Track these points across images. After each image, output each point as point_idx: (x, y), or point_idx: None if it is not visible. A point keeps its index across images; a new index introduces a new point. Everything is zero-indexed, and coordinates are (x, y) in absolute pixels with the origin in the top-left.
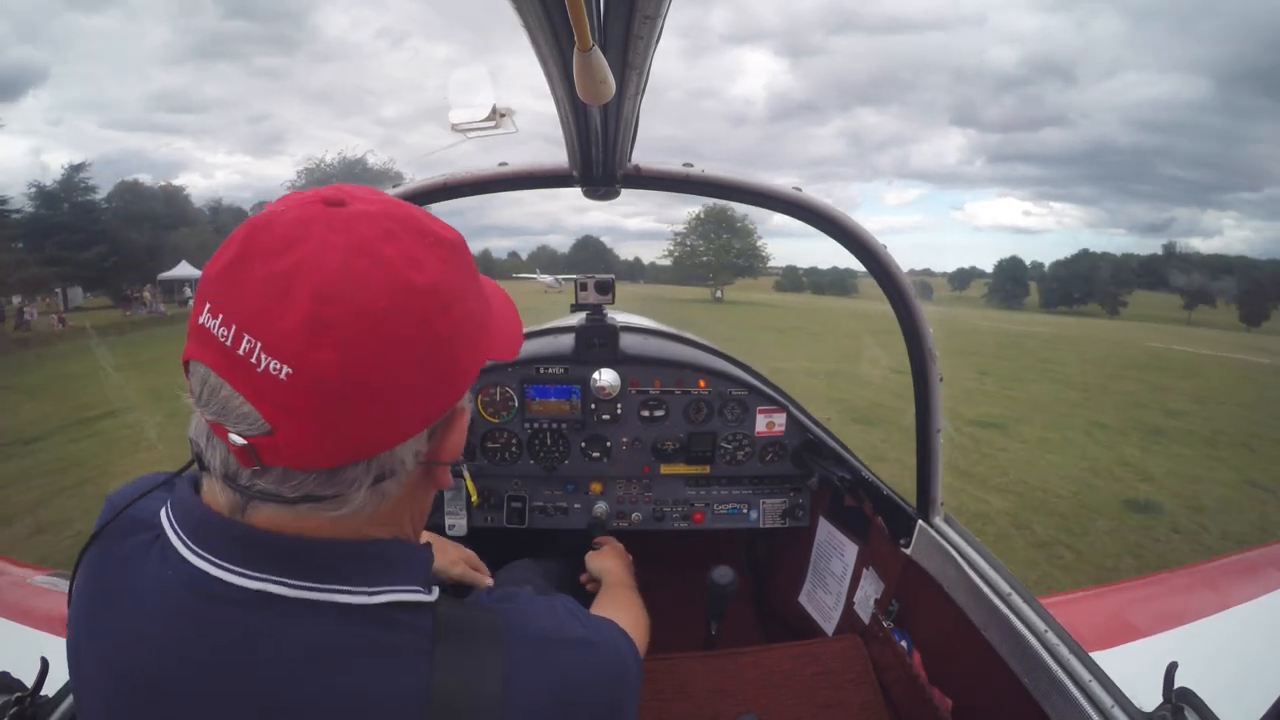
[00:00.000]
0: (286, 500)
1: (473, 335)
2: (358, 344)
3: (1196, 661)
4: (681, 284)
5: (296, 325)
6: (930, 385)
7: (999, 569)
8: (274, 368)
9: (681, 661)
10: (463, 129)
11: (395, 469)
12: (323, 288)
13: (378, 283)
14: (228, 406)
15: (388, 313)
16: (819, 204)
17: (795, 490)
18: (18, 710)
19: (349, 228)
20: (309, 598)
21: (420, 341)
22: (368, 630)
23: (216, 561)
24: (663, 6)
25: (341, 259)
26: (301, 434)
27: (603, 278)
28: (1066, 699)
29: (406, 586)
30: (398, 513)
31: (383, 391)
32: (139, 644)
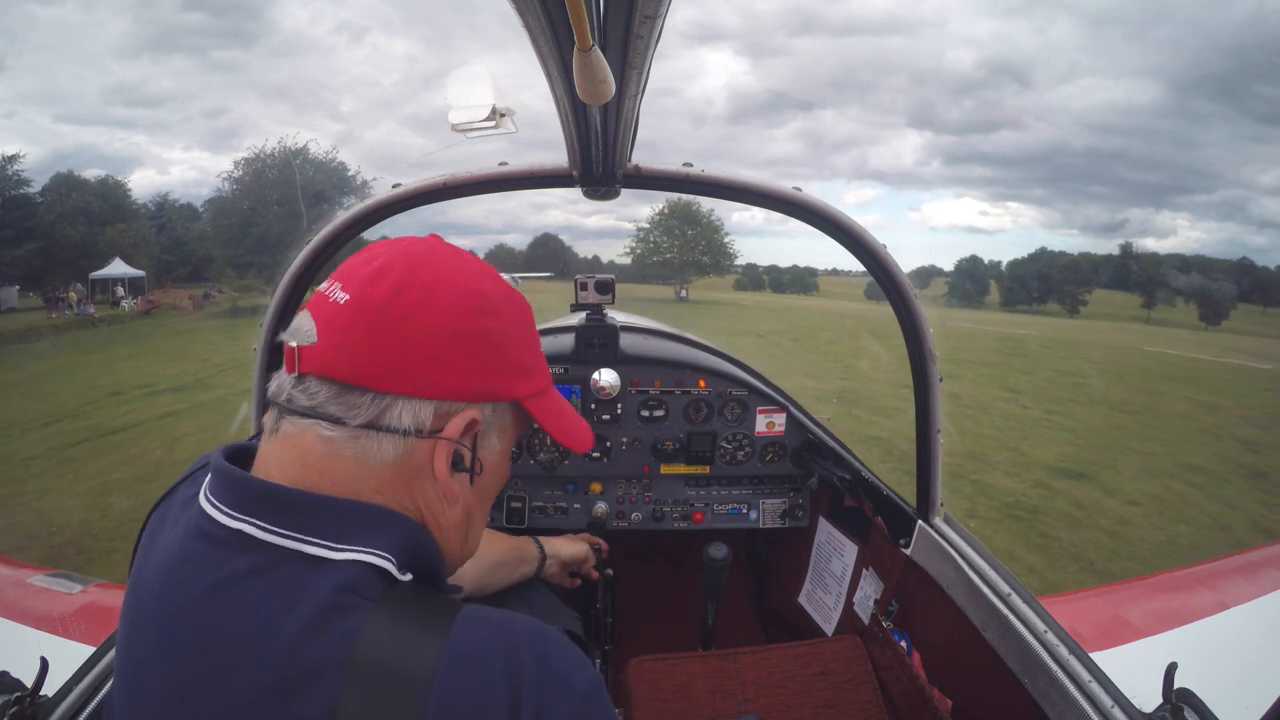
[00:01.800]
0: (302, 411)
1: (504, 362)
2: (404, 291)
3: (1196, 661)
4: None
5: (367, 273)
6: (930, 385)
7: (999, 569)
8: (339, 296)
9: (681, 661)
10: (462, 129)
11: (392, 423)
12: (396, 257)
13: (439, 265)
14: (300, 327)
15: (437, 282)
16: (819, 204)
17: (795, 490)
18: (17, 710)
19: (437, 242)
20: (278, 543)
21: (453, 318)
22: (323, 583)
23: (214, 503)
24: (662, 6)
25: (420, 249)
26: (332, 342)
27: (603, 278)
28: (1066, 699)
29: (375, 550)
30: (400, 489)
31: (406, 338)
32: (151, 576)
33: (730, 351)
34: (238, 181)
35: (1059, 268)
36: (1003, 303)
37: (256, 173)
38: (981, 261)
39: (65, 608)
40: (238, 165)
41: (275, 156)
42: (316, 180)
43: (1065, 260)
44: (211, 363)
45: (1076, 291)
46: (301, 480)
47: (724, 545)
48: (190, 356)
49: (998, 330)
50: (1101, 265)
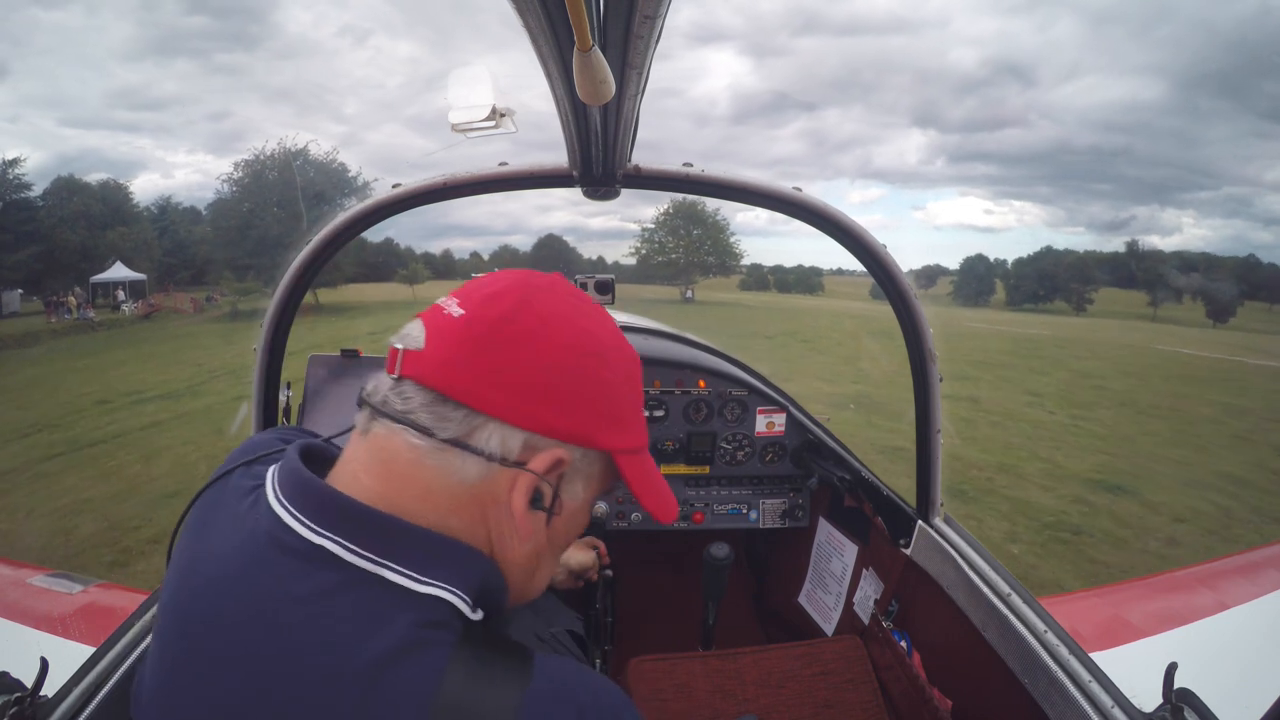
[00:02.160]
0: (395, 414)
1: (606, 410)
2: (517, 318)
3: (1196, 661)
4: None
5: (487, 293)
6: (930, 385)
7: (999, 569)
8: (453, 310)
9: (681, 661)
10: (462, 129)
11: (480, 444)
12: (515, 284)
13: (564, 306)
14: (409, 332)
15: (551, 319)
16: (819, 204)
17: (795, 491)
18: (17, 710)
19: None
20: (363, 565)
21: (562, 354)
22: (405, 617)
23: (292, 511)
24: (662, 6)
25: (559, 278)
26: (437, 352)
27: (603, 278)
28: (1066, 699)
29: (454, 589)
30: (475, 516)
31: (509, 363)
32: (212, 574)
33: (738, 354)
34: (237, 183)
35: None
36: (1009, 301)
37: (256, 174)
38: (987, 260)
39: (65, 608)
40: (237, 167)
41: (275, 158)
42: (317, 181)
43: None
44: (205, 368)
45: (1083, 290)
46: (385, 489)
47: (725, 545)
48: (184, 362)
49: (1009, 331)
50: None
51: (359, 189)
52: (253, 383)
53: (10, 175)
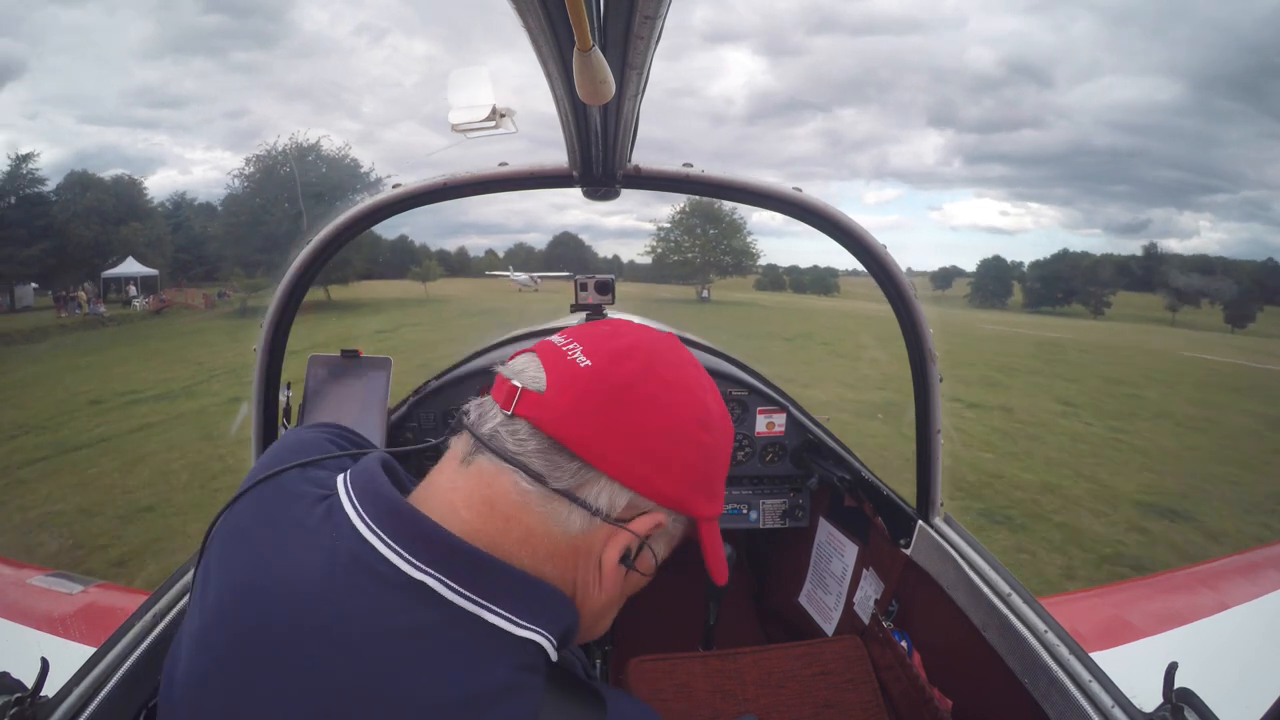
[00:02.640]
0: (506, 454)
1: (702, 479)
2: (642, 384)
3: (1196, 661)
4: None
5: (616, 348)
6: (930, 385)
7: (999, 569)
8: (580, 359)
9: (681, 661)
10: (462, 129)
11: (589, 498)
12: (645, 348)
13: (685, 376)
14: (526, 370)
15: (675, 388)
16: (819, 204)
17: (795, 491)
18: (18, 710)
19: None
20: (462, 605)
21: (681, 425)
22: (503, 659)
23: (385, 539)
24: (663, 6)
25: (667, 353)
26: (560, 402)
27: (603, 277)
28: (1066, 699)
29: (547, 634)
30: (567, 565)
31: (633, 420)
32: (283, 590)
33: (757, 357)
34: (249, 179)
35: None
36: (1025, 304)
37: (267, 170)
38: (1004, 262)
39: (65, 608)
40: (249, 162)
41: (287, 153)
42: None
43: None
44: (205, 367)
45: (1101, 293)
46: (486, 527)
47: (727, 545)
48: (187, 360)
49: (1030, 334)
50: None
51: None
52: (253, 383)
53: (24, 170)
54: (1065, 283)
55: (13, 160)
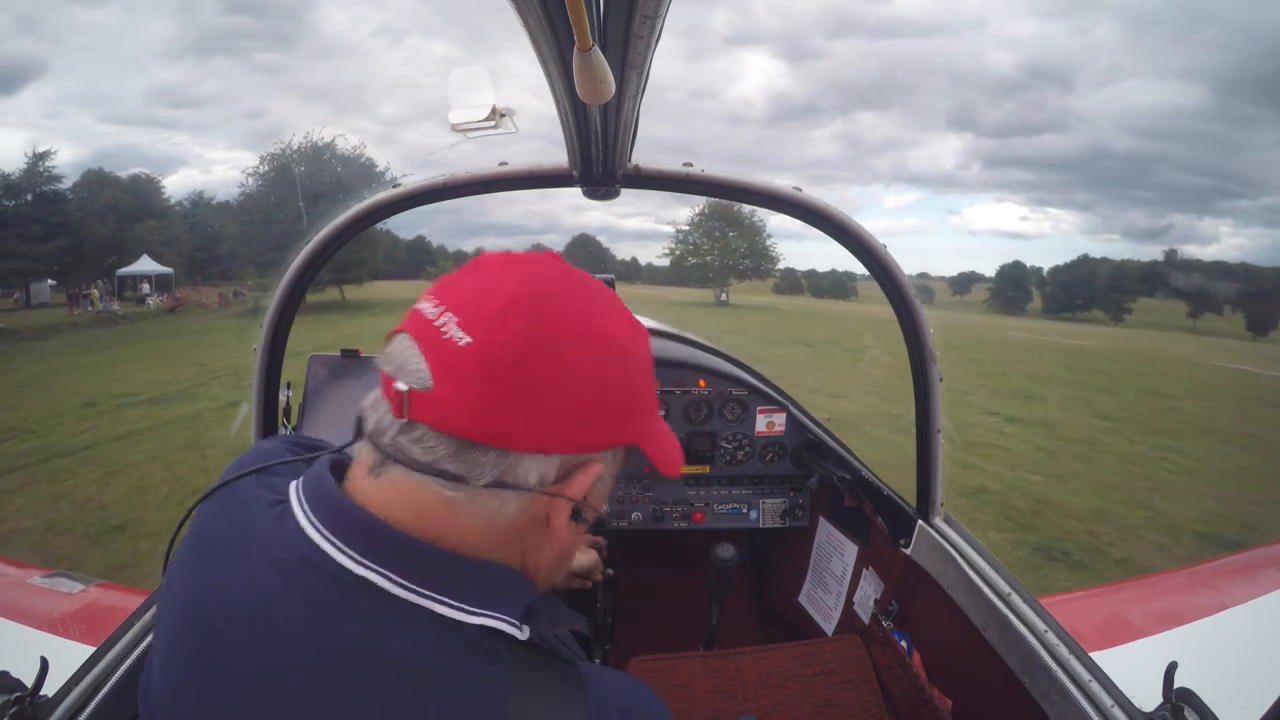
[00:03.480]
0: (417, 465)
1: (629, 404)
2: (536, 344)
3: (1196, 661)
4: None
5: (491, 310)
6: (930, 386)
7: (999, 569)
8: (458, 337)
9: (681, 661)
10: (463, 129)
11: (519, 481)
12: (527, 290)
13: (572, 309)
14: (406, 363)
15: (570, 333)
16: (819, 204)
17: (795, 490)
18: (17, 710)
19: (563, 265)
20: (410, 599)
21: (587, 370)
22: (457, 649)
23: (330, 538)
24: (663, 6)
25: (551, 285)
26: (454, 395)
27: (603, 277)
28: (1066, 699)
29: (505, 615)
30: (512, 543)
31: (537, 393)
32: (235, 590)
33: (785, 365)
34: (263, 177)
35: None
36: (1045, 310)
37: (281, 169)
38: (1024, 267)
39: (65, 608)
40: (264, 161)
41: (301, 152)
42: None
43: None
44: (207, 369)
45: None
46: (423, 526)
47: (731, 546)
48: (190, 361)
49: (1055, 341)
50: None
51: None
52: (253, 383)
53: (40, 168)
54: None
55: (29, 158)
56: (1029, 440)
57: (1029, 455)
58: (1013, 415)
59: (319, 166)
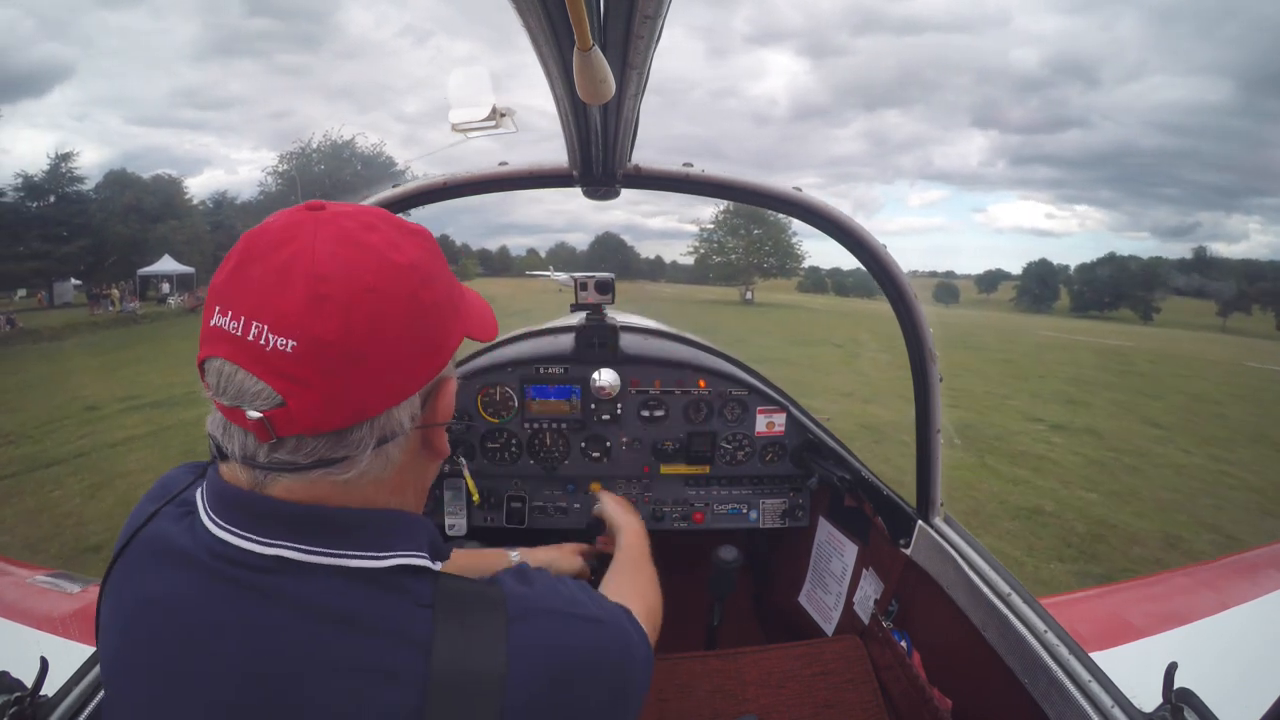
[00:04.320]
0: (301, 468)
1: (451, 311)
2: (353, 314)
3: (1196, 661)
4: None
5: (298, 304)
6: (930, 385)
7: (999, 569)
8: (281, 344)
9: (682, 661)
10: (463, 129)
11: (395, 430)
12: (318, 269)
13: (365, 262)
14: (243, 389)
15: (376, 286)
16: (818, 204)
17: (795, 490)
18: (17, 710)
19: (332, 222)
20: (320, 562)
21: (408, 311)
22: (374, 592)
23: (235, 530)
24: (663, 6)
25: (331, 247)
26: (309, 400)
27: (603, 277)
28: (1066, 699)
29: (413, 551)
30: (402, 482)
31: (378, 355)
32: (159, 597)
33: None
34: (283, 176)
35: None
36: (1073, 308)
37: (301, 167)
38: (1051, 265)
39: (65, 608)
40: (283, 159)
41: (321, 151)
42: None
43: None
44: None
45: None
46: (315, 496)
47: (734, 548)
48: None
49: (1089, 341)
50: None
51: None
52: None
53: (63, 169)
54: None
55: (52, 159)
56: (1078, 451)
57: (1081, 469)
58: (1058, 422)
59: (339, 164)
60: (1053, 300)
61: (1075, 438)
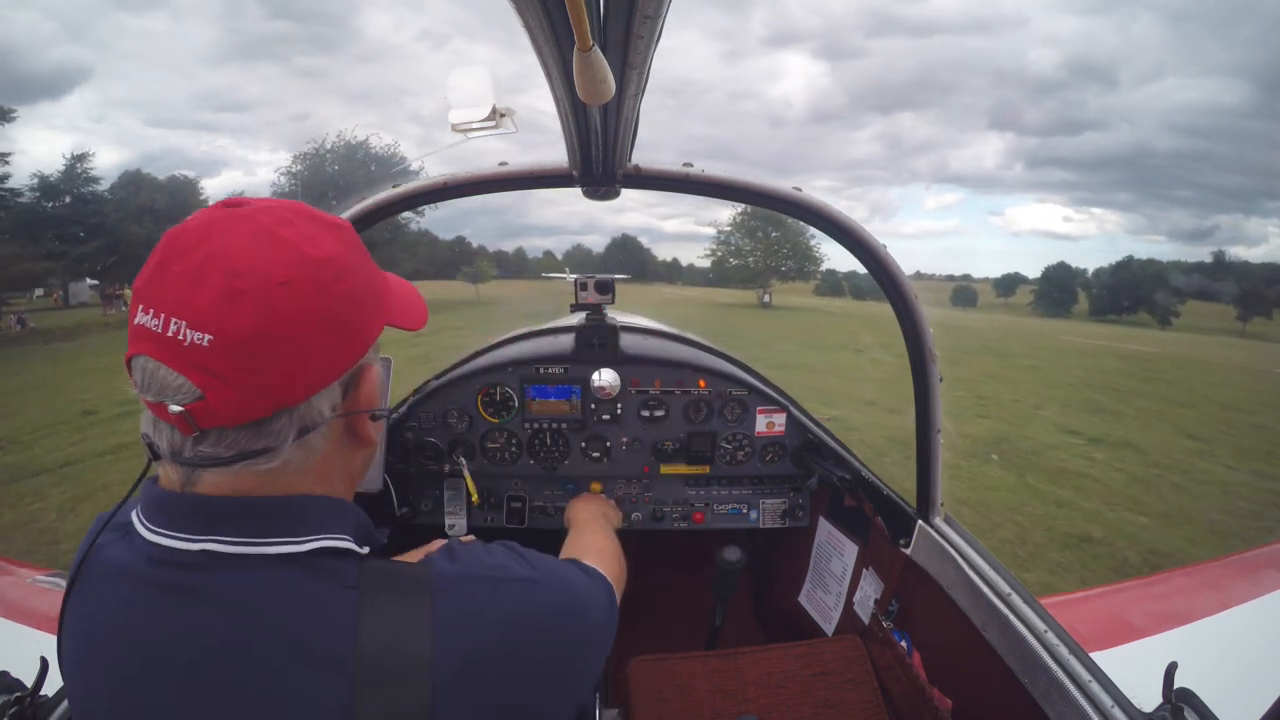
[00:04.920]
0: (224, 461)
1: (370, 301)
2: (267, 307)
3: (1196, 661)
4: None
5: (213, 299)
6: (930, 386)
7: (999, 569)
8: (198, 338)
9: (682, 661)
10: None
11: (316, 420)
12: (232, 266)
13: (279, 257)
14: (164, 384)
15: (290, 280)
16: (818, 204)
17: (795, 490)
18: (17, 710)
19: (250, 219)
20: (246, 552)
21: (321, 303)
22: (297, 575)
23: (165, 532)
24: (663, 6)
25: (245, 243)
26: (227, 393)
27: (603, 277)
28: (1066, 699)
29: (336, 534)
30: (327, 470)
31: (293, 346)
32: (100, 604)
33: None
34: (296, 176)
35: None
36: (1091, 312)
37: (315, 167)
38: (1069, 269)
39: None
40: (296, 160)
41: (335, 151)
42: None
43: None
44: None
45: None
46: (240, 488)
47: (737, 549)
48: None
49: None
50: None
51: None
52: None
53: (78, 170)
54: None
55: (68, 159)
56: (1120, 468)
57: (1125, 488)
58: (1095, 435)
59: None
60: (1071, 304)
61: (1115, 452)
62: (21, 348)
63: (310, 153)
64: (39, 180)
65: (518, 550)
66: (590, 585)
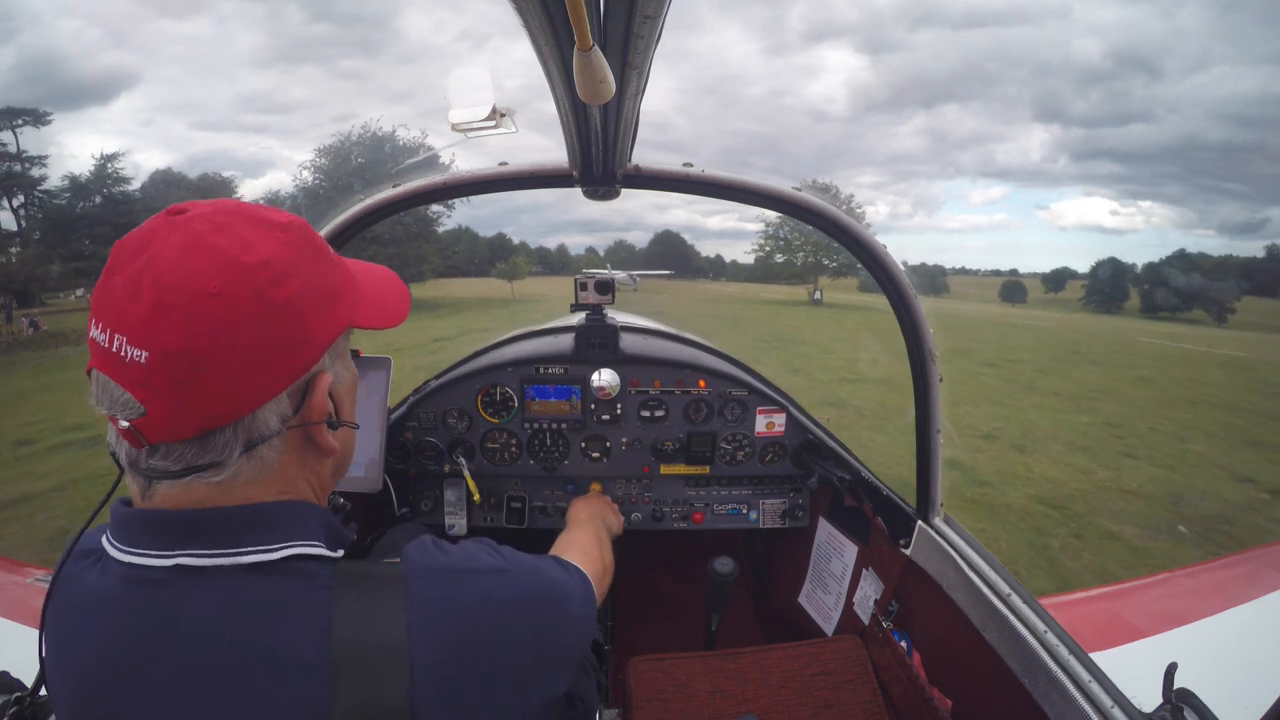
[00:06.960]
0: (174, 474)
1: (322, 304)
2: (195, 321)
3: (1196, 662)
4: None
5: (144, 314)
6: (930, 385)
7: (999, 569)
8: (136, 355)
9: (681, 662)
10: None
11: (264, 432)
12: (161, 278)
13: (209, 267)
14: (115, 399)
15: (220, 290)
16: (817, 203)
17: (795, 491)
18: (17, 710)
19: (185, 227)
20: (217, 564)
21: (258, 311)
22: (270, 582)
23: (136, 551)
24: (663, 6)
25: (177, 253)
26: (166, 408)
27: (603, 278)
28: (1066, 699)
29: (306, 541)
30: (288, 479)
31: (227, 359)
32: (81, 642)
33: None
34: (320, 169)
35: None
36: (1143, 309)
37: (340, 160)
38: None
39: None
40: (320, 154)
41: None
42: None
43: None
44: None
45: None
46: (193, 500)
47: (730, 560)
48: None
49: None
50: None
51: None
52: None
53: (109, 169)
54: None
55: (98, 160)
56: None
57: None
58: (1274, 485)
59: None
60: (1123, 300)
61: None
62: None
63: (334, 146)
64: (69, 181)
65: (491, 545)
66: (565, 576)
